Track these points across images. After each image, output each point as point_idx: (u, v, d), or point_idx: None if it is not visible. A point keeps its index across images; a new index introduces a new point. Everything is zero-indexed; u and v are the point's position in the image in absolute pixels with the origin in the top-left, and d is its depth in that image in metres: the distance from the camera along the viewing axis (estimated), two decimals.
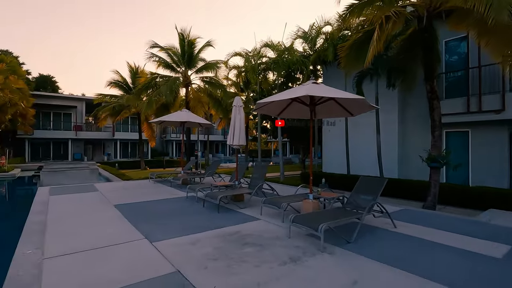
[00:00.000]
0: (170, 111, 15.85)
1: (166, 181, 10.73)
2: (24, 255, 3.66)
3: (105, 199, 7.34)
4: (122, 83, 19.84)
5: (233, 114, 7.01)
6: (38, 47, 78.55)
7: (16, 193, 12.66)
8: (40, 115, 28.77)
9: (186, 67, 15.03)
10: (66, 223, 5.10)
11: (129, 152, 34.35)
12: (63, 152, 30.52)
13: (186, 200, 7.18)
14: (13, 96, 16.56)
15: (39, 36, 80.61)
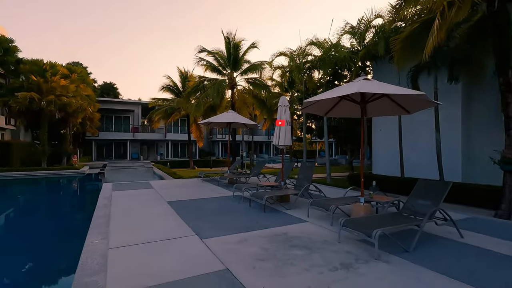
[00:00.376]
0: (216, 113, 16.38)
1: (213, 180, 11.12)
2: (92, 244, 4.08)
3: (159, 196, 7.85)
4: (173, 87, 21.14)
5: (278, 114, 6.97)
6: (102, 57, 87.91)
7: (86, 188, 14.28)
8: (104, 119, 32.08)
9: (231, 69, 15.41)
10: (126, 217, 5.56)
11: (179, 152, 36.45)
12: (123, 152, 33.63)
13: (232, 199, 7.34)
14: (83, 102, 18.71)
15: (103, 47, 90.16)
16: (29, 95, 15.49)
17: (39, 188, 13.92)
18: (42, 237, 6.62)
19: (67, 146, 19.39)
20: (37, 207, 10.00)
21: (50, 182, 15.11)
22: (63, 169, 17.07)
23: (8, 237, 6.85)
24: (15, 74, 16.87)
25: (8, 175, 15.27)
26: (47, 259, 5.34)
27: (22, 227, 7.48)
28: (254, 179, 10.40)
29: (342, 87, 5.29)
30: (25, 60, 17.06)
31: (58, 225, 7.64)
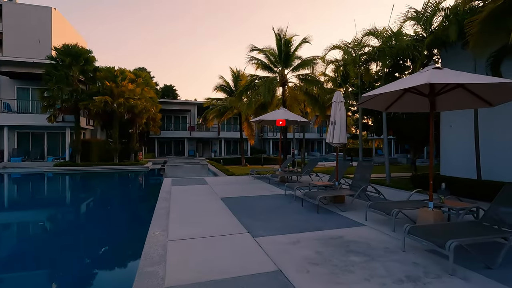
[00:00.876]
0: (267, 111, 16.43)
1: (264, 178, 11.16)
2: (154, 235, 4.38)
3: (213, 192, 8.15)
4: (226, 86, 21.87)
5: (332, 110, 6.63)
6: (163, 62, 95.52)
7: (150, 181, 15.64)
8: (165, 119, 34.82)
9: (282, 66, 15.27)
10: (184, 211, 5.87)
11: (231, 150, 37.67)
12: (181, 149, 36.09)
13: (284, 198, 7.24)
14: (147, 103, 20.51)
15: (164, 53, 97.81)
16: (103, 99, 17.55)
17: (111, 181, 15.70)
18: (114, 224, 7.40)
19: (134, 144, 21.50)
20: (110, 197, 11.28)
21: (120, 176, 16.95)
22: (131, 165, 18.99)
23: (85, 222, 7.83)
24: (92, 81, 19.26)
25: (88, 169, 17.57)
26: (116, 244, 5.94)
27: (98, 214, 8.53)
28: (306, 177, 10.14)
29: (407, 79, 4.77)
30: (101, 68, 19.36)
31: (127, 213, 8.49)
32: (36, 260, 5.10)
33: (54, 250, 5.65)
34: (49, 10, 30.93)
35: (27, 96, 21.42)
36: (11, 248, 5.88)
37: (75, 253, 5.46)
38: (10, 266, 4.92)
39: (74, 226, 7.47)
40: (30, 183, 15.20)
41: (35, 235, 6.77)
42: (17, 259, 5.12)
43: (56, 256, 5.32)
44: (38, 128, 20.67)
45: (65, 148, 20.61)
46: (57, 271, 4.82)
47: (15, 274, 4.69)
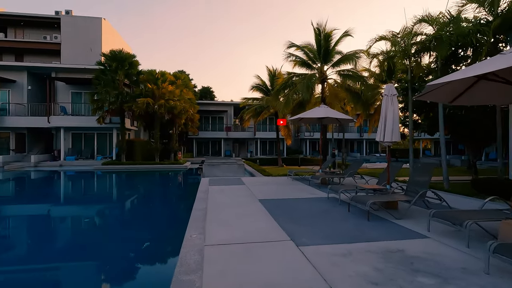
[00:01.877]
0: (305, 109, 15.76)
1: (303, 179, 10.62)
2: (191, 238, 4.14)
3: (251, 193, 7.84)
4: (262, 86, 21.61)
5: (383, 105, 5.91)
6: (201, 64, 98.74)
7: (188, 180, 15.91)
8: (202, 119, 35.69)
9: (322, 62, 14.55)
10: (221, 213, 5.62)
11: (267, 150, 37.40)
12: (218, 149, 36.70)
13: (327, 201, 6.67)
14: (186, 104, 21.03)
15: (202, 56, 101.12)
16: (145, 101, 18.32)
17: (152, 179, 16.27)
18: (152, 223, 7.44)
19: (174, 143, 22.20)
20: (150, 195, 11.58)
21: (160, 175, 17.53)
22: (171, 164, 19.58)
23: (125, 221, 8.00)
24: (136, 84, 20.26)
25: (131, 167, 18.46)
26: (153, 245, 5.87)
27: (137, 213, 8.71)
28: (349, 180, 9.39)
29: (481, 64, 3.96)
30: (143, 71, 20.30)
31: (165, 212, 8.51)
32: (71, 255, 5.20)
33: (90, 248, 5.73)
34: (99, 20, 33.40)
35: (80, 99, 23.24)
36: (39, 241, 6.14)
37: (112, 252, 5.47)
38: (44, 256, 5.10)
39: (113, 224, 7.63)
40: (81, 180, 16.34)
41: (75, 230, 7.04)
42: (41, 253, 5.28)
43: (90, 255, 5.38)
44: (89, 129, 22.30)
45: (112, 148, 21.96)
46: (91, 269, 4.84)
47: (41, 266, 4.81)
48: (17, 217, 8.36)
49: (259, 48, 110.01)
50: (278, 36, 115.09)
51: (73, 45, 30.99)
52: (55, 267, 4.90)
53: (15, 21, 33.36)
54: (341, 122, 10.65)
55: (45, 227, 7.19)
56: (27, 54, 32.38)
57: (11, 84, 22.09)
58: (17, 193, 12.51)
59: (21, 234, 6.83)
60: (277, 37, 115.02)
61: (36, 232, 6.71)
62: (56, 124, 20.95)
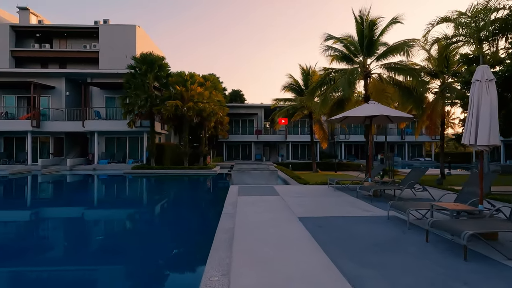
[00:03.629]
0: (344, 109, 14.11)
1: (347, 189, 9.05)
2: (210, 281, 2.92)
3: (287, 206, 6.50)
4: (295, 85, 20.18)
5: (474, 95, 4.28)
6: (231, 68, 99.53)
7: (215, 187, 14.94)
8: (232, 123, 35.03)
9: (364, 55, 12.83)
10: (252, 238, 4.34)
11: (299, 154, 35.69)
12: (248, 153, 35.77)
13: (389, 223, 5.12)
14: (215, 107, 20.26)
15: (232, 59, 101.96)
16: (174, 103, 17.80)
17: (179, 186, 15.56)
18: (176, 233, 6.37)
19: (203, 147, 21.53)
20: (173, 206, 10.67)
21: (188, 180, 16.79)
22: (200, 168, 18.84)
23: (136, 240, 7.01)
24: (165, 87, 19.93)
25: (160, 172, 17.98)
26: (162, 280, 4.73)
27: (161, 219, 7.79)
28: (407, 192, 7.67)
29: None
30: (172, 74, 19.92)
31: (184, 230, 6.90)
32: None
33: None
34: (134, 27, 34.34)
35: (113, 104, 23.55)
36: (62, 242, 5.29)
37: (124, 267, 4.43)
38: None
39: (118, 239, 6.69)
40: (107, 185, 16.11)
41: (86, 233, 6.22)
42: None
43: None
44: (121, 133, 22.44)
45: (143, 152, 21.84)
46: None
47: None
48: (45, 220, 8.39)
49: (291, 50, 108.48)
50: (310, 35, 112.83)
51: (110, 52, 32.04)
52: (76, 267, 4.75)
53: (59, 32, 35.43)
54: (393, 121, 8.93)
55: (67, 230, 7.23)
56: (70, 63, 34.12)
57: (51, 90, 22.98)
58: (48, 196, 12.37)
59: (54, 237, 6.75)
60: (309, 37, 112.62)
61: (62, 235, 6.83)
62: (90, 128, 21.29)
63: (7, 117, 22.06)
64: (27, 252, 5.30)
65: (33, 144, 22.21)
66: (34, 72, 22.87)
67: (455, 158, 32.60)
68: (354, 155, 36.39)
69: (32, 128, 20.72)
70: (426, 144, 38.45)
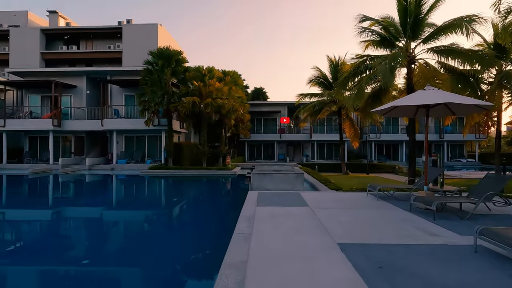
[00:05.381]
0: (381, 102, 12.18)
1: (392, 198, 7.27)
2: None
3: (320, 225, 4.90)
4: (322, 78, 18.32)
5: None
6: (253, 65, 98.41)
7: (233, 192, 13.56)
8: (254, 121, 33.67)
9: (408, 38, 10.82)
10: (273, 278, 2.83)
11: (325, 154, 33.58)
12: (271, 152, 34.23)
13: (480, 259, 3.38)
14: (235, 103, 18.94)
15: (254, 56, 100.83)
16: (191, 100, 16.70)
17: (194, 189, 14.37)
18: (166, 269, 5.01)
19: (222, 147, 20.31)
20: (187, 207, 9.42)
21: (205, 182, 15.57)
22: (218, 169, 17.60)
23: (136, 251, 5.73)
24: (183, 82, 18.91)
25: (177, 173, 16.95)
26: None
27: (169, 225, 6.46)
28: (482, 207, 5.75)
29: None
30: (190, 68, 18.86)
31: (185, 255, 5.47)
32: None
33: None
34: (155, 26, 34.06)
35: (132, 102, 23.03)
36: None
37: None
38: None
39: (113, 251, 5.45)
40: (122, 186, 15.30)
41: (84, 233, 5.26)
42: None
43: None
44: (139, 132, 21.82)
45: (161, 151, 21.06)
46: None
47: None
48: (49, 221, 8.14)
49: (315, 48, 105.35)
50: (336, 32, 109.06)
51: (133, 51, 31.92)
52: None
53: (85, 34, 36.08)
54: (456, 113, 6.99)
55: (74, 232, 7.09)
56: (95, 63, 34.49)
57: (72, 89, 22.90)
58: (56, 197, 11.64)
59: (62, 238, 6.50)
60: (335, 33, 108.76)
61: (69, 236, 6.72)
62: (108, 127, 20.84)
63: (31, 116, 22.22)
64: (36, 252, 5.25)
65: (56, 143, 22.21)
66: (57, 72, 22.94)
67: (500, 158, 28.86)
68: (386, 155, 33.61)
69: (53, 127, 20.62)
70: (467, 143, 34.80)
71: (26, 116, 21.97)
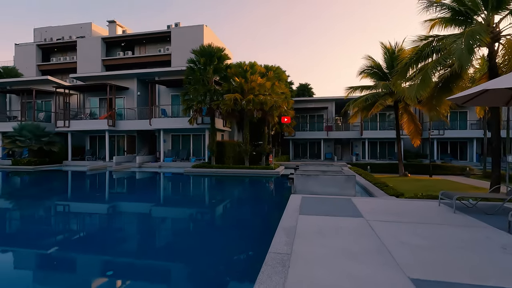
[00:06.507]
0: (453, 91, 10.20)
1: (474, 210, 5.66)
2: None
3: (382, 247, 3.74)
4: (375, 68, 16.34)
5: None
6: (299, 62, 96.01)
7: (276, 191, 12.65)
8: (299, 119, 32.31)
9: (492, 9, 8.71)
10: None
11: (378, 153, 30.72)
12: (317, 151, 32.54)
13: None
14: (278, 99, 17.99)
15: (299, 52, 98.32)
16: (233, 97, 16.21)
17: (234, 188, 13.81)
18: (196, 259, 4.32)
19: (265, 145, 19.55)
20: (221, 211, 8.79)
21: (245, 182, 14.93)
22: (261, 169, 16.87)
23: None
24: (225, 80, 18.55)
25: (218, 171, 16.65)
26: None
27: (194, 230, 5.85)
28: None
29: None
30: (232, 65, 18.41)
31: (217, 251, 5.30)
32: None
33: None
34: (201, 27, 34.84)
35: (178, 101, 23.57)
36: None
37: None
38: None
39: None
40: (164, 183, 15.42)
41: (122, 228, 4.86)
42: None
43: None
44: (184, 131, 22.20)
45: (205, 150, 21.12)
46: None
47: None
48: (90, 215, 8.56)
49: (365, 41, 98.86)
50: (387, 27, 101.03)
51: (180, 53, 33.12)
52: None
53: (139, 40, 38.57)
54: None
55: (114, 226, 7.38)
56: (148, 67, 36.66)
57: (125, 91, 24.28)
58: (103, 193, 12.04)
59: (102, 232, 6.72)
60: (386, 28, 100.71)
61: (108, 229, 7.00)
62: (156, 126, 21.55)
63: (91, 117, 24.12)
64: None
65: (111, 142, 23.80)
66: (111, 75, 24.51)
67: None
68: (451, 155, 29.48)
69: (109, 127, 22.04)
70: None
71: (86, 117, 23.91)
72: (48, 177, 17.05)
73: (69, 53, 41.31)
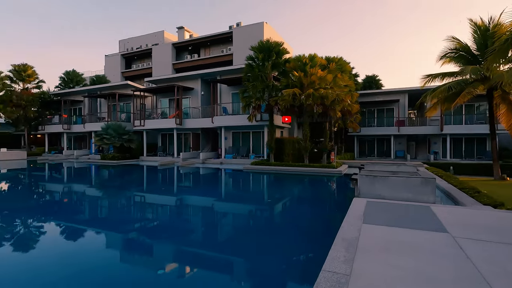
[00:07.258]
0: None
1: None
2: None
3: (478, 278, 2.80)
4: (461, 50, 13.69)
5: None
6: (364, 52, 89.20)
7: (337, 193, 11.66)
8: (366, 114, 29.78)
9: None
10: None
11: (463, 151, 26.31)
12: (386, 148, 29.56)
13: None
14: (340, 92, 16.71)
15: (365, 43, 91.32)
16: (291, 92, 15.60)
17: (292, 187, 13.20)
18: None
19: (326, 142, 18.43)
20: (273, 213, 8.35)
21: (304, 181, 14.14)
22: (321, 167, 15.89)
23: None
24: (284, 75, 18.04)
25: (275, 169, 16.27)
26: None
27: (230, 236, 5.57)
28: None
29: None
30: (290, 59, 17.77)
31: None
32: None
33: None
34: (261, 24, 34.94)
35: (238, 99, 24.02)
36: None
37: None
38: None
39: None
40: (218, 179, 15.68)
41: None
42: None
43: None
44: (244, 128, 22.50)
45: (264, 147, 21.04)
46: None
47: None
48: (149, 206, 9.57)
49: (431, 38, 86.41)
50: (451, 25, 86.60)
51: (242, 52, 33.81)
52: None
53: (203, 43, 40.82)
54: None
55: (169, 219, 8.02)
56: (212, 68, 38.70)
57: (190, 91, 25.83)
58: (166, 186, 12.83)
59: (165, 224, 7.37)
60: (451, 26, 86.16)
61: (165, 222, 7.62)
62: (217, 124, 22.33)
63: (162, 116, 26.41)
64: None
65: (178, 139, 25.66)
66: (178, 77, 26.35)
67: None
68: None
69: (176, 125, 23.76)
70: None
71: (158, 117, 26.25)
72: (128, 170, 19.18)
73: (146, 59, 46.14)
